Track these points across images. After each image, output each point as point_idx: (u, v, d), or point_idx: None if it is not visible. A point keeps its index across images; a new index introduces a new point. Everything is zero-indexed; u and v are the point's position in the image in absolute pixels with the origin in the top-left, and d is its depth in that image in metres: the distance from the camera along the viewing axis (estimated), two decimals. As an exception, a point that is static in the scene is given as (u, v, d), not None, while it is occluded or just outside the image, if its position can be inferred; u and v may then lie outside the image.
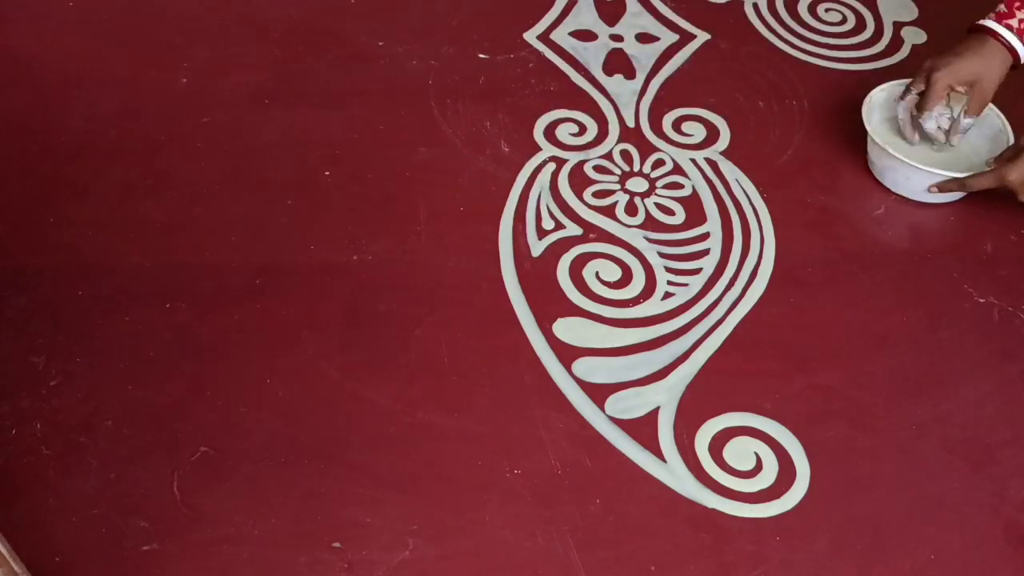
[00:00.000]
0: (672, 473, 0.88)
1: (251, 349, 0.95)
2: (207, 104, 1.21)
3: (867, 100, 1.17)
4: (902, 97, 1.15)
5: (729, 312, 1.02)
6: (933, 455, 0.91)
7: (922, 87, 1.13)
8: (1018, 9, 1.10)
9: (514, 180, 1.14)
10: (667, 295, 1.03)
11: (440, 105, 1.23)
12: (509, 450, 0.89)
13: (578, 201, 1.12)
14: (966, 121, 1.13)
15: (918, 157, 1.12)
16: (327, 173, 1.14)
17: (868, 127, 1.14)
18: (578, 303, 1.02)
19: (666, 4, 1.42)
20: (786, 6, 1.42)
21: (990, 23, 1.11)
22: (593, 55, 1.32)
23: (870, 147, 1.15)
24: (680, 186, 1.15)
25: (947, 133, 1.15)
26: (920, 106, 1.13)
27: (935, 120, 1.14)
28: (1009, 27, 1.10)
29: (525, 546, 0.83)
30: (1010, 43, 1.10)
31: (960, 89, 1.12)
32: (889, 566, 0.83)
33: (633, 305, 1.02)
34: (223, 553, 0.81)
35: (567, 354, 0.97)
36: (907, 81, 1.16)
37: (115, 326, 0.97)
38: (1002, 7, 1.12)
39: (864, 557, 0.84)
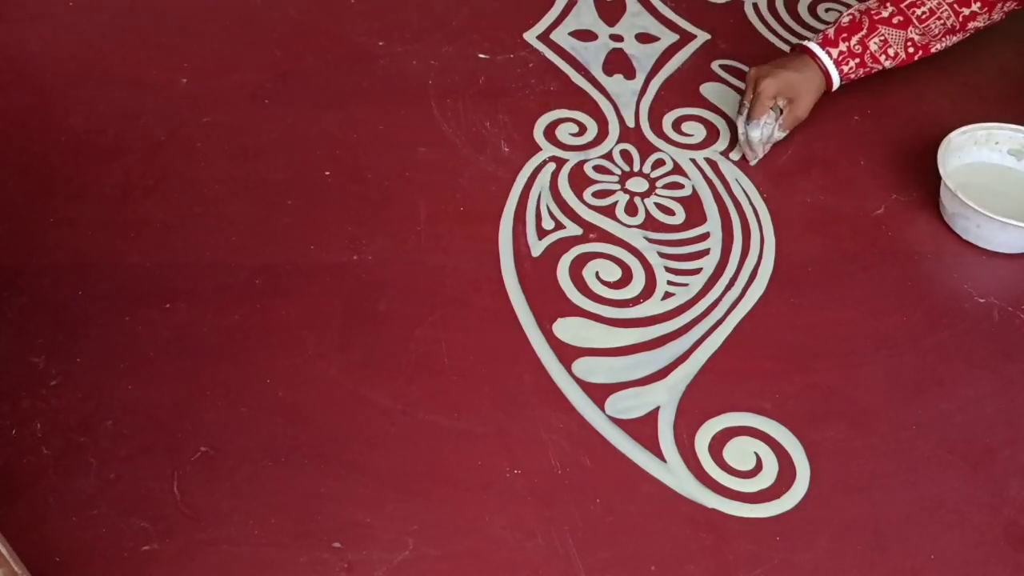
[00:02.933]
0: (672, 473, 0.88)
1: (251, 349, 0.95)
2: (207, 104, 1.21)
3: (945, 141, 1.13)
4: (739, 113, 1.16)
5: (729, 312, 1.02)
6: (933, 455, 0.91)
7: (751, 96, 1.15)
8: (843, 41, 1.15)
9: (514, 180, 1.14)
10: (667, 295, 1.03)
11: (440, 105, 1.23)
12: (509, 450, 0.89)
13: (578, 201, 1.12)
14: (778, 134, 1.16)
15: (993, 207, 1.06)
16: (327, 173, 1.14)
17: (942, 171, 1.10)
18: (578, 303, 1.01)
19: (666, 4, 1.42)
20: (786, 6, 1.43)
21: (814, 46, 1.16)
22: (593, 55, 1.32)
23: (943, 192, 1.11)
24: (680, 186, 1.15)
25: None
26: (750, 114, 1.15)
27: (760, 129, 1.15)
28: (829, 54, 1.15)
29: (525, 546, 0.83)
30: (827, 68, 1.15)
31: (781, 103, 1.14)
32: (889, 566, 0.83)
33: (633, 305, 1.02)
34: (223, 553, 0.81)
35: (567, 354, 0.97)
36: (989, 125, 1.16)
37: (115, 326, 0.97)
38: (830, 32, 1.17)
39: (864, 557, 0.84)
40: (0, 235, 1.05)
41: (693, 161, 1.18)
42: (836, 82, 1.17)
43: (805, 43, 1.17)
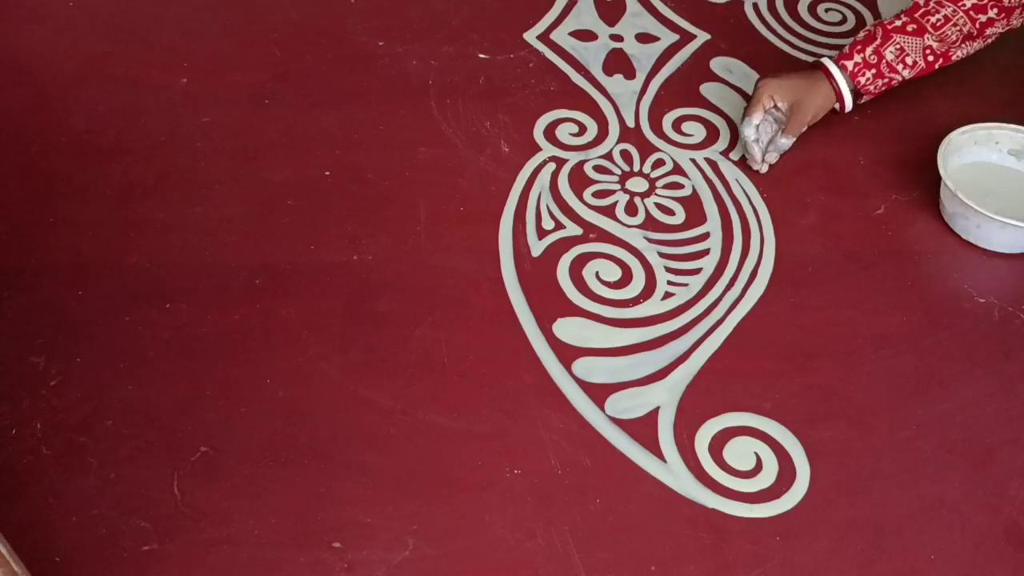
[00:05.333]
0: (672, 473, 0.88)
1: (251, 349, 0.95)
2: (207, 104, 1.21)
3: (945, 141, 1.13)
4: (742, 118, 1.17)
5: (729, 312, 1.02)
6: (933, 455, 0.91)
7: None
8: (857, 53, 1.15)
9: (514, 180, 1.14)
10: (667, 295, 1.03)
11: (440, 105, 1.23)
12: (509, 450, 0.89)
13: (578, 201, 1.12)
14: (782, 140, 1.15)
15: (993, 207, 1.06)
16: (327, 173, 1.14)
17: (942, 171, 1.10)
18: (578, 303, 1.01)
19: (666, 4, 1.42)
20: (786, 6, 1.42)
21: (827, 61, 1.16)
22: (593, 55, 1.32)
23: (943, 192, 1.11)
24: (680, 186, 1.15)
25: (763, 151, 1.16)
26: (745, 111, 1.15)
27: (754, 129, 1.14)
28: (843, 68, 1.15)
29: (525, 546, 0.83)
30: (838, 85, 1.15)
31: (781, 105, 1.14)
32: (889, 566, 0.83)
33: (633, 305, 1.02)
34: (223, 553, 0.81)
35: (567, 354, 0.97)
36: (989, 125, 1.16)
37: (115, 326, 0.97)
38: (845, 49, 1.16)
39: (864, 557, 0.84)
40: (0, 235, 1.05)
41: (693, 161, 1.18)
42: (847, 96, 1.15)
43: (821, 60, 1.17)
